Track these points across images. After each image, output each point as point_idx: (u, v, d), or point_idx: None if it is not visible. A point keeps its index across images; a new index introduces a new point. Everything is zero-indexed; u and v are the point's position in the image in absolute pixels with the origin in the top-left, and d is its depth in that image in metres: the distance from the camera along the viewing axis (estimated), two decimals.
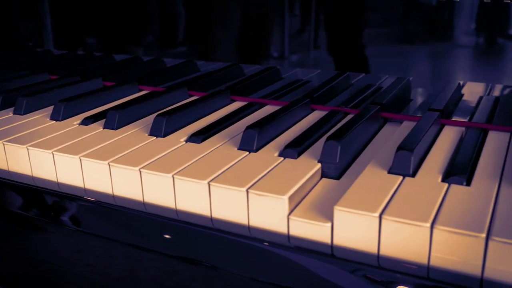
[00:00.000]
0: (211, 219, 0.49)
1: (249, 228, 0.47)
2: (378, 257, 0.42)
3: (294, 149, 0.54)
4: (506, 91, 0.69)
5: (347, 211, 0.42)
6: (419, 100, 0.74)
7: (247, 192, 0.46)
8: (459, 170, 0.48)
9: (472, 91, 0.71)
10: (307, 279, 0.44)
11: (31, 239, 0.60)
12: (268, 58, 0.83)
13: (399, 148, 0.50)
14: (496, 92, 0.70)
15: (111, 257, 0.54)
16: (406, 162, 0.49)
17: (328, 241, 0.44)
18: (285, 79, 0.84)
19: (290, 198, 0.45)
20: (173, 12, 0.91)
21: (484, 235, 0.38)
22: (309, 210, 0.46)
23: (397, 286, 0.40)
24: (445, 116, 0.63)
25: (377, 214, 0.41)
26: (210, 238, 0.47)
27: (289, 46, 0.82)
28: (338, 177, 0.51)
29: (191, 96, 0.80)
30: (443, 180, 0.47)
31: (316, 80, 0.80)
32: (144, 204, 0.52)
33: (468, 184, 0.46)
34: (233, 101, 0.77)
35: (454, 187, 0.46)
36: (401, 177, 0.48)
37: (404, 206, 0.43)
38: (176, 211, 0.51)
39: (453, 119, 0.64)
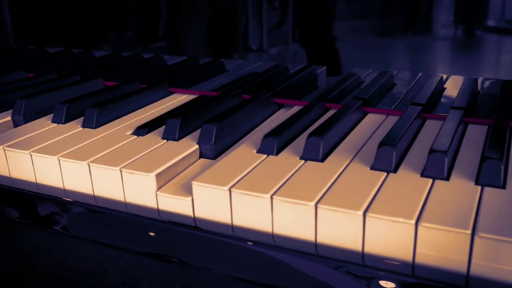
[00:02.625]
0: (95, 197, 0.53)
1: (126, 204, 0.52)
2: (232, 227, 0.47)
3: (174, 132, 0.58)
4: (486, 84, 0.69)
5: (203, 186, 0.47)
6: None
7: (121, 171, 0.51)
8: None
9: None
10: None
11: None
12: (240, 51, 0.83)
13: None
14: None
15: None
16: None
17: (191, 214, 0.48)
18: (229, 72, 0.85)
19: (158, 176, 0.50)
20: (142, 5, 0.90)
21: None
22: (177, 186, 0.50)
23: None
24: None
25: (227, 188, 0.46)
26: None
27: (268, 39, 0.81)
28: (214, 157, 0.56)
29: (172, 93, 0.79)
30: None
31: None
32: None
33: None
34: (172, 93, 0.79)
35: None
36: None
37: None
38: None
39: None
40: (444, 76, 0.72)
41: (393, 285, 0.39)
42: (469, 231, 0.38)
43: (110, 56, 0.95)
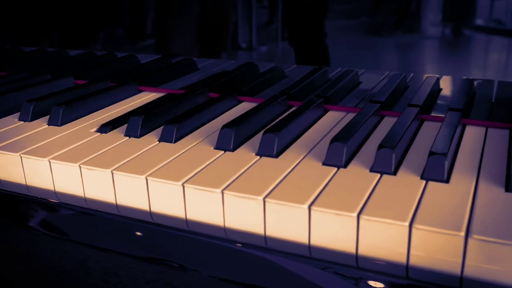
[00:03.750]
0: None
1: (85, 200, 0.53)
2: (186, 221, 0.47)
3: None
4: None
5: (158, 181, 0.48)
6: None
7: (80, 167, 0.52)
8: None
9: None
10: None
11: None
12: (229, 50, 0.83)
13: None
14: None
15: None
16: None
17: (147, 208, 0.50)
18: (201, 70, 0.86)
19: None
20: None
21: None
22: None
23: None
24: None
25: (180, 183, 0.47)
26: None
27: (257, 37, 0.81)
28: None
29: (141, 91, 0.80)
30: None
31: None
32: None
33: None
34: (140, 91, 0.80)
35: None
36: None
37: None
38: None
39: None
40: (411, 75, 0.73)
41: (381, 285, 0.40)
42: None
43: (83, 55, 0.96)
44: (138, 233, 0.49)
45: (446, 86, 0.73)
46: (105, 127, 0.62)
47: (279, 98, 0.66)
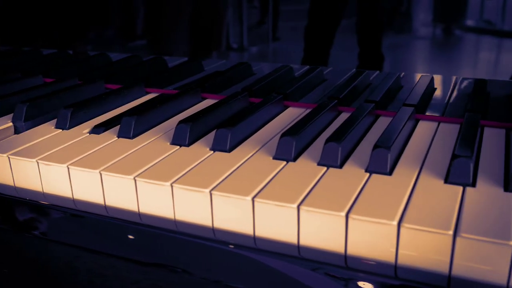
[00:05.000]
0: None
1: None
2: (139, 215, 0.49)
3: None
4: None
5: (111, 175, 0.50)
6: None
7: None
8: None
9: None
10: None
11: None
12: (220, 50, 0.84)
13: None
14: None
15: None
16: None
17: (102, 202, 0.51)
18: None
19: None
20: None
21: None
22: None
23: None
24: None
25: (131, 177, 0.48)
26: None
27: (248, 38, 0.82)
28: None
29: (108, 89, 0.81)
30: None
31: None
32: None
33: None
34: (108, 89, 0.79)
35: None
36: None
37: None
38: None
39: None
40: (376, 73, 0.75)
41: (370, 285, 0.40)
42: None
43: (55, 54, 0.97)
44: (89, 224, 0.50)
45: (407, 82, 0.74)
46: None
47: (240, 94, 0.68)
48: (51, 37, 0.98)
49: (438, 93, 0.72)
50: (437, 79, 0.73)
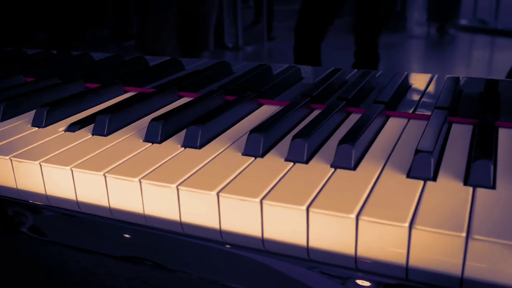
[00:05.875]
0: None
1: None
2: (110, 210, 0.50)
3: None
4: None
5: (82, 172, 0.51)
6: None
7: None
8: None
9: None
10: None
11: None
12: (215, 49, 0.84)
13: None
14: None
15: None
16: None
17: (74, 198, 0.52)
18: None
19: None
20: None
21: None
22: None
23: None
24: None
25: (102, 173, 0.49)
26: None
27: (243, 37, 0.82)
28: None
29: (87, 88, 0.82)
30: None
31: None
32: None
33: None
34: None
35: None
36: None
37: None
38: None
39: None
40: (354, 71, 0.76)
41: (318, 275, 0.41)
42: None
43: (39, 54, 0.98)
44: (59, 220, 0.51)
45: (384, 80, 0.75)
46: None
47: (215, 93, 0.69)
48: (37, 37, 0.99)
49: (413, 90, 0.73)
50: (419, 78, 0.74)
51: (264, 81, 0.74)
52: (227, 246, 0.44)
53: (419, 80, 0.74)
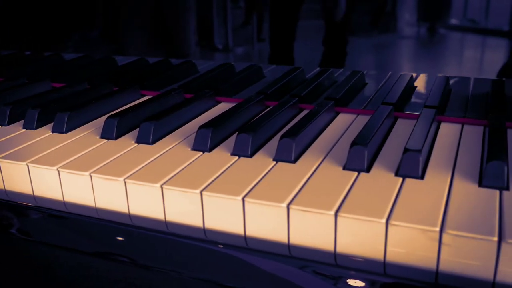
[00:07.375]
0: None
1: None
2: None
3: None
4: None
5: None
6: None
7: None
8: None
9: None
10: None
11: None
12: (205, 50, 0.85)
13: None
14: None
15: None
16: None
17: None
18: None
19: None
20: None
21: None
22: None
23: None
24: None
25: (55, 168, 0.50)
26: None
27: (233, 38, 0.83)
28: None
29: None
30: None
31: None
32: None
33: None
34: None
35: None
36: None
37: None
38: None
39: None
40: (316, 69, 0.78)
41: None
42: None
43: (11, 55, 1.00)
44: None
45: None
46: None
47: (174, 91, 0.71)
48: (12, 39, 1.00)
49: (369, 88, 0.75)
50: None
51: (225, 80, 0.76)
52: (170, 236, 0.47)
53: (374, 78, 0.76)
